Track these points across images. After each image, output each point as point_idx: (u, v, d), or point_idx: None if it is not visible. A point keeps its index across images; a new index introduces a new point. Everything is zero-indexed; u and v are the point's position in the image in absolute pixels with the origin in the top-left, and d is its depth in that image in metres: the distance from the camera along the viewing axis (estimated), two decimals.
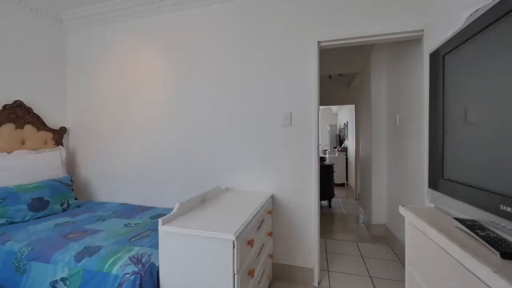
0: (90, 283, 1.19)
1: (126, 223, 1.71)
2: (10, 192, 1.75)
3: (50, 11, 2.37)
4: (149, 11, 2.23)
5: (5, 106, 2.03)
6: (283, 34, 1.93)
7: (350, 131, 5.89)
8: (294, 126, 1.91)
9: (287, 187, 1.93)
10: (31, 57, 2.26)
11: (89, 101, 2.49)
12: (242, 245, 1.17)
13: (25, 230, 1.57)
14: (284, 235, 1.94)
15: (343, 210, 3.99)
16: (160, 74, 2.25)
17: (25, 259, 1.33)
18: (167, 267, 1.19)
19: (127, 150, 2.36)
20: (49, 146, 2.34)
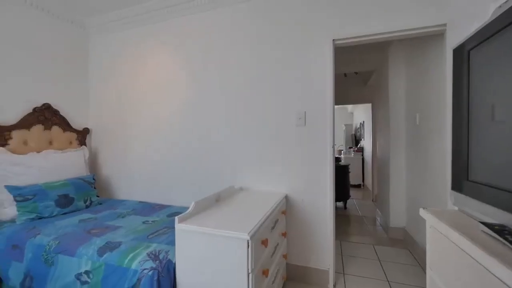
0: (111, 276, 1.25)
1: (144, 221, 1.78)
2: (40, 189, 1.86)
3: (75, 18, 2.50)
4: (165, 15, 2.30)
5: (35, 108, 2.18)
6: (297, 33, 1.91)
7: (367, 131, 5.72)
8: (308, 126, 1.89)
9: (301, 187, 1.91)
10: (58, 62, 2.40)
11: (109, 104, 2.61)
12: (256, 244, 1.17)
13: (52, 225, 1.67)
14: (298, 236, 1.92)
15: (359, 211, 3.88)
16: (175, 76, 2.31)
17: (52, 252, 1.42)
18: (183, 264, 1.22)
19: (145, 150, 2.44)
20: (74, 146, 2.47)
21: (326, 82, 1.84)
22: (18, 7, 2.09)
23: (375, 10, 1.73)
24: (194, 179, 2.24)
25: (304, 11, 1.90)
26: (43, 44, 2.28)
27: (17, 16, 2.09)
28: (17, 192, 1.77)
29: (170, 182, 2.34)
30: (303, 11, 1.90)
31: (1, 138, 1.94)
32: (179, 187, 2.30)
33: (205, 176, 2.19)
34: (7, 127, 1.99)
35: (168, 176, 2.34)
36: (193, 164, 2.24)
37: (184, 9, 2.22)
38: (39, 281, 1.40)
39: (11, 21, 2.05)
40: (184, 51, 2.27)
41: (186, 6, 2.20)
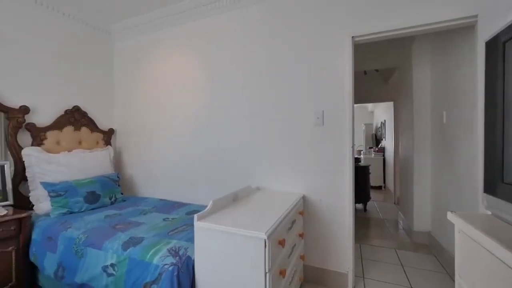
0: (134, 270, 1.31)
1: (165, 218, 1.84)
2: (70, 186, 2.00)
3: (101, 25, 2.65)
4: (184, 18, 2.37)
5: (66, 111, 2.34)
6: (314, 31, 1.88)
7: (388, 130, 5.49)
8: (326, 126, 1.85)
9: (319, 188, 1.88)
10: (85, 67, 2.56)
11: (132, 105, 2.73)
12: (274, 244, 1.17)
13: (81, 219, 1.79)
14: (316, 237, 1.89)
15: (380, 214, 3.74)
16: (194, 77, 2.37)
17: (82, 245, 1.51)
18: (201, 261, 1.25)
19: (165, 150, 2.53)
20: (100, 146, 2.62)
21: (345, 80, 1.80)
22: (51, 18, 2.26)
23: (398, 4, 1.65)
24: (212, 178, 2.28)
25: (322, 9, 1.86)
26: (73, 51, 2.44)
27: (49, 25, 2.25)
28: (51, 188, 1.91)
29: (189, 181, 2.40)
30: (321, 9, 1.86)
31: (37, 139, 2.11)
32: (197, 186, 2.36)
33: (223, 175, 2.23)
34: (43, 128, 2.15)
35: (187, 175, 2.41)
36: (211, 164, 2.28)
37: (203, 12, 2.27)
38: (70, 271, 1.50)
39: (45, 30, 2.22)
40: (203, 52, 2.32)
41: (204, 9, 2.25)
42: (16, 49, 2.02)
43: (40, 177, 1.98)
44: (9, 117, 1.95)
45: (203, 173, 2.33)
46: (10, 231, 1.62)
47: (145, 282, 1.25)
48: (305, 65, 1.91)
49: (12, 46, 2.01)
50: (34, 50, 2.14)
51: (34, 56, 2.14)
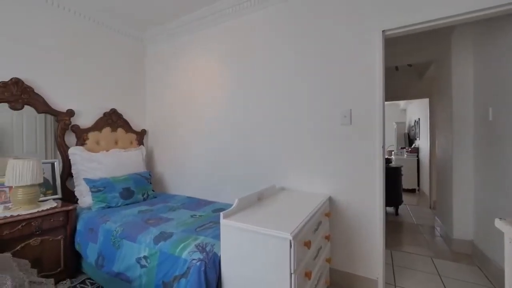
0: (165, 263, 1.38)
1: (192, 214, 1.91)
2: (108, 182, 2.17)
3: (133, 33, 2.84)
4: (210, 22, 2.44)
5: (105, 113, 2.55)
6: (342, 26, 1.82)
7: (423, 129, 5.10)
8: (354, 125, 1.78)
9: (346, 189, 1.81)
10: (121, 72, 2.76)
11: (162, 107, 2.88)
12: (299, 245, 1.16)
13: (118, 213, 1.93)
14: (343, 240, 1.83)
15: (414, 219, 3.49)
16: (220, 78, 2.43)
17: (118, 237, 1.64)
18: (227, 258, 1.28)
19: (192, 150, 2.63)
20: (134, 145, 2.81)
21: (375, 77, 1.71)
22: (91, 29, 2.48)
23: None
24: (237, 177, 2.32)
25: (349, 3, 1.79)
26: (109, 58, 2.65)
27: (89, 36, 2.47)
28: (92, 184, 2.10)
29: (214, 179, 2.47)
30: (348, 3, 1.79)
31: (81, 139, 2.33)
32: (223, 185, 2.41)
33: (248, 175, 2.25)
34: (85, 130, 2.37)
35: (213, 174, 2.48)
36: (237, 163, 2.32)
37: (228, 14, 2.32)
38: (108, 260, 1.64)
39: (86, 41, 2.44)
40: (229, 54, 2.37)
41: (229, 11, 2.29)
42: (61, 58, 2.25)
43: (83, 173, 2.19)
44: (58, 119, 2.18)
45: (228, 173, 2.38)
46: (59, 222, 1.81)
47: (175, 275, 1.32)
48: (332, 63, 1.86)
49: (58, 56, 2.24)
50: (76, 58, 2.36)
51: (76, 64, 2.36)
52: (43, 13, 2.12)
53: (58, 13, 2.22)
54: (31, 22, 2.05)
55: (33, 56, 2.06)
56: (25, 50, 2.01)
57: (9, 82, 1.89)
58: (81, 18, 2.38)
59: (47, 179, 2.06)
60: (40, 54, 2.10)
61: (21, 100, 1.95)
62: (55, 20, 2.20)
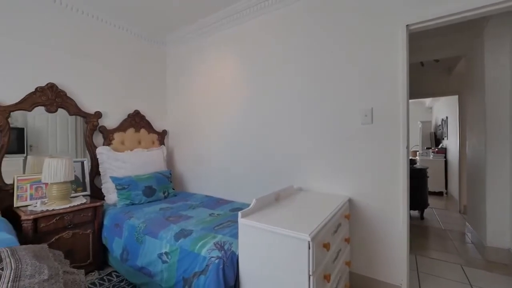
0: (185, 259, 1.42)
1: (211, 213, 1.95)
2: (132, 181, 2.28)
3: (156, 37, 2.96)
4: (229, 23, 2.47)
5: (129, 114, 2.68)
6: (362, 21, 1.76)
7: (451, 128, 4.79)
8: (376, 124, 1.72)
9: (367, 191, 1.75)
10: (143, 75, 2.89)
11: (182, 108, 2.97)
12: (318, 247, 1.14)
13: (141, 210, 2.02)
14: (364, 243, 1.77)
15: (441, 224, 3.29)
16: (238, 79, 2.45)
17: (142, 233, 1.71)
18: (245, 256, 1.29)
19: (211, 150, 2.69)
20: (155, 145, 2.92)
21: (398, 74, 1.63)
22: (116, 35, 2.61)
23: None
24: (254, 177, 2.33)
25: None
26: (133, 62, 2.78)
27: (113, 42, 2.61)
28: (118, 182, 2.21)
29: (232, 179, 2.50)
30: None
31: (107, 139, 2.47)
32: (240, 184, 2.43)
33: (265, 175, 2.25)
34: (111, 130, 2.51)
35: (231, 174, 2.51)
36: (254, 163, 2.33)
37: (245, 15, 2.34)
38: (132, 255, 1.72)
39: (111, 46, 2.57)
40: (247, 55, 2.39)
41: (246, 12, 2.31)
42: (89, 63, 2.40)
43: (109, 172, 2.31)
44: (87, 121, 2.33)
45: (246, 172, 2.39)
46: (88, 217, 1.93)
47: (194, 271, 1.35)
48: (352, 60, 1.80)
49: (87, 62, 2.39)
50: (103, 63, 2.50)
51: (103, 68, 2.51)
52: (74, 22, 2.27)
53: (87, 20, 2.37)
54: (64, 31, 2.20)
55: (65, 62, 2.21)
56: (59, 56, 2.17)
57: (45, 86, 2.05)
58: (107, 25, 2.52)
59: (78, 177, 2.20)
60: (71, 60, 2.26)
61: (55, 103, 2.11)
62: (85, 28, 2.35)
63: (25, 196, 1.87)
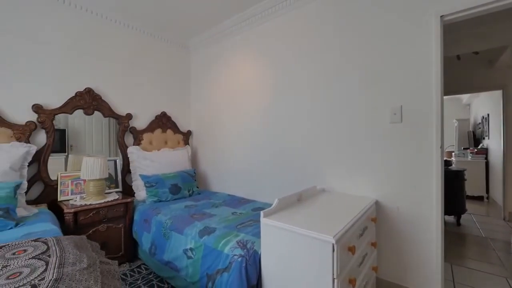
0: (209, 256, 1.46)
1: (233, 212, 1.98)
2: (159, 179, 2.39)
3: (180, 41, 3.08)
4: (249, 25, 2.49)
5: (156, 116, 2.82)
6: (391, 13, 1.67)
7: (494, 127, 4.35)
8: (406, 123, 1.62)
9: (396, 194, 1.66)
10: (169, 78, 3.02)
11: (206, 109, 3.06)
12: (342, 250, 1.10)
13: (167, 207, 2.11)
14: (392, 248, 1.68)
15: (481, 231, 3.00)
16: (260, 79, 2.46)
17: (168, 229, 1.79)
18: (267, 256, 1.29)
19: (233, 150, 2.73)
20: (181, 145, 3.04)
21: (431, 69, 1.52)
22: (146, 42, 2.76)
23: None
24: (276, 177, 2.32)
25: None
26: (159, 65, 2.91)
27: (142, 47, 2.76)
28: (146, 180, 2.34)
29: (254, 179, 2.51)
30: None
31: (137, 139, 2.62)
32: (262, 184, 2.44)
33: (287, 175, 2.24)
34: (141, 131, 2.66)
35: (253, 173, 2.53)
36: (276, 163, 2.33)
37: (267, 15, 2.34)
38: (160, 249, 1.80)
39: (140, 51, 2.73)
40: (268, 54, 2.39)
41: (267, 13, 2.31)
42: (121, 68, 2.57)
43: (139, 170, 2.46)
44: (119, 122, 2.49)
45: (268, 172, 2.40)
46: (120, 212, 2.07)
47: (218, 268, 1.38)
48: (381, 54, 1.72)
49: (119, 67, 2.55)
50: (133, 68, 2.66)
51: (133, 73, 2.66)
52: (107, 30, 2.45)
53: (120, 28, 2.53)
54: (99, 39, 2.38)
55: (100, 68, 2.39)
56: (94, 63, 2.35)
57: (84, 91, 2.24)
58: (137, 32, 2.67)
59: (111, 174, 2.37)
60: (105, 66, 2.43)
61: (92, 106, 2.29)
62: (117, 35, 2.52)
63: (67, 191, 2.06)
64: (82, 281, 0.83)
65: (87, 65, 2.30)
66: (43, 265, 0.90)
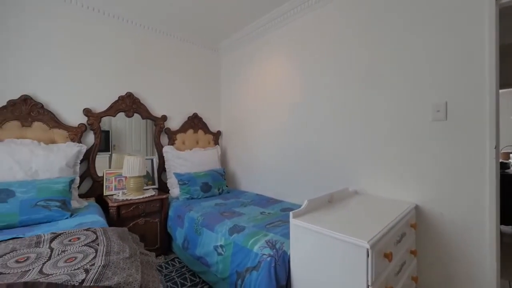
0: (238, 253, 1.49)
1: (262, 211, 1.99)
2: (191, 177, 2.51)
3: (211, 45, 3.19)
4: (277, 24, 2.48)
5: (189, 117, 2.96)
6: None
7: None
8: (452, 120, 1.47)
9: (440, 198, 1.51)
10: (200, 81, 3.14)
11: (235, 110, 3.12)
12: (378, 256, 1.04)
13: (199, 204, 2.20)
14: (435, 258, 1.53)
15: None
16: (288, 78, 2.43)
17: (200, 225, 1.87)
18: (297, 258, 1.27)
19: (262, 149, 2.74)
20: (211, 145, 3.15)
21: (483, 60, 1.36)
22: (179, 46, 2.91)
23: None
24: (305, 177, 2.27)
25: None
26: (191, 69, 3.05)
27: (176, 52, 2.91)
28: (180, 178, 2.47)
29: (283, 179, 2.50)
30: None
31: (171, 140, 2.78)
32: (290, 185, 2.41)
33: (317, 175, 2.18)
34: (174, 132, 2.82)
35: (281, 173, 2.51)
36: (306, 163, 2.28)
37: (294, 14, 2.30)
38: (192, 244, 1.89)
39: (174, 56, 2.88)
40: (296, 54, 2.36)
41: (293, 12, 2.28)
42: (156, 72, 2.74)
43: (173, 168, 2.60)
44: (155, 123, 2.67)
45: (296, 172, 2.36)
46: (156, 207, 2.21)
47: (247, 266, 1.40)
48: (420, 44, 1.58)
49: (155, 71, 2.73)
50: (168, 72, 2.83)
51: (167, 77, 2.83)
52: (143, 37, 2.63)
53: (160, 36, 2.71)
54: (136, 46, 2.58)
55: (138, 73, 2.58)
56: (133, 68, 2.55)
57: (125, 95, 2.44)
58: (170, 37, 2.83)
59: (148, 172, 2.55)
60: (143, 71, 2.62)
61: (132, 109, 2.48)
62: (157, 43, 2.70)
63: (111, 186, 2.26)
64: (125, 269, 0.91)
65: (128, 71, 2.50)
66: (93, 252, 1.01)
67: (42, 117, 1.96)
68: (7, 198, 1.47)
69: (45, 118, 1.98)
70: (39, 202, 1.54)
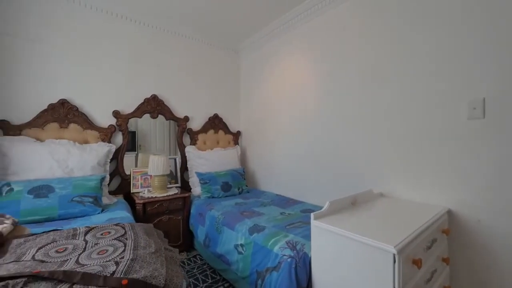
0: (258, 253, 1.49)
1: (282, 212, 1.98)
2: (212, 176, 2.56)
3: (231, 47, 3.24)
4: (294, 24, 2.45)
5: (209, 118, 3.03)
6: None
7: None
8: (490, 119, 1.34)
9: (476, 203, 1.39)
10: (220, 81, 3.20)
11: (255, 110, 3.13)
12: (406, 262, 0.98)
13: (219, 203, 2.24)
14: (470, 268, 1.41)
15: None
16: (307, 78, 2.39)
17: (220, 224, 1.90)
18: (318, 260, 1.24)
19: (280, 149, 2.73)
20: (231, 145, 3.19)
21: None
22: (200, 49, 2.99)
23: None
24: (326, 178, 2.22)
25: None
26: (212, 70, 3.11)
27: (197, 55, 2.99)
28: (201, 177, 2.53)
29: (303, 179, 2.46)
30: None
31: (193, 140, 2.86)
32: (311, 185, 2.37)
33: (339, 176, 2.12)
34: (196, 132, 2.90)
35: (301, 173, 2.48)
36: (326, 164, 2.23)
37: (313, 13, 2.26)
38: (213, 242, 1.93)
39: (194, 58, 2.96)
40: (315, 53, 2.31)
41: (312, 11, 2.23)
42: (179, 75, 2.83)
43: (195, 168, 2.67)
44: (178, 124, 2.76)
45: (317, 173, 2.31)
46: (179, 205, 2.29)
47: (267, 266, 1.40)
48: (451, 36, 1.47)
49: (178, 74, 2.82)
50: (190, 74, 2.91)
51: (189, 79, 2.91)
52: (165, 41, 2.74)
53: (182, 39, 2.81)
54: (156, 49, 2.69)
55: (163, 76, 2.70)
56: (158, 72, 2.66)
57: (150, 98, 2.55)
58: (195, 41, 2.92)
59: (171, 171, 2.64)
60: (167, 74, 2.73)
61: (156, 111, 2.59)
62: (179, 46, 2.80)
63: (137, 184, 2.38)
64: (151, 263, 0.95)
65: (152, 74, 2.62)
66: (122, 246, 1.07)
67: (77, 119, 2.12)
68: (48, 193, 1.61)
69: (80, 120, 2.14)
70: (74, 197, 1.67)
